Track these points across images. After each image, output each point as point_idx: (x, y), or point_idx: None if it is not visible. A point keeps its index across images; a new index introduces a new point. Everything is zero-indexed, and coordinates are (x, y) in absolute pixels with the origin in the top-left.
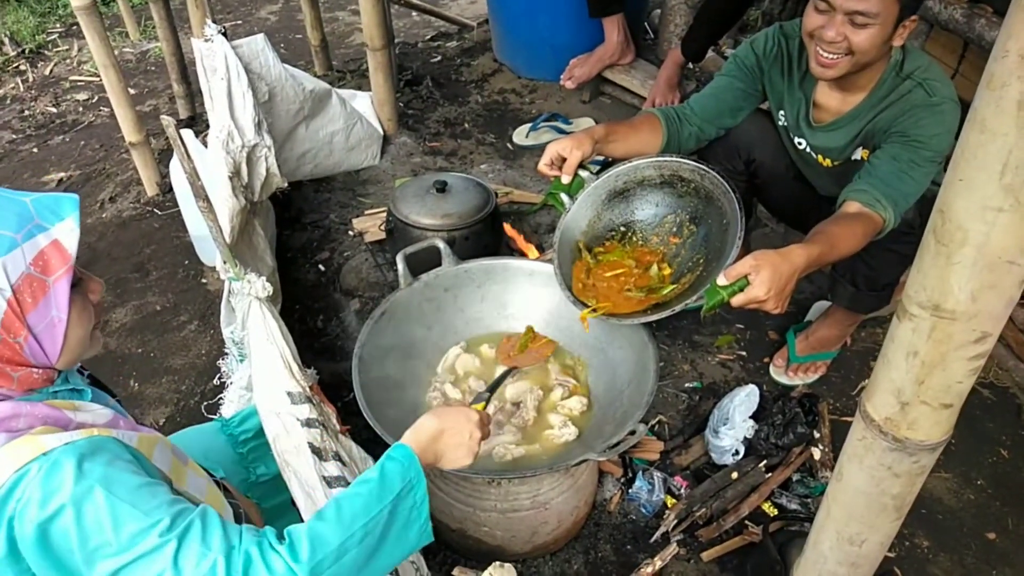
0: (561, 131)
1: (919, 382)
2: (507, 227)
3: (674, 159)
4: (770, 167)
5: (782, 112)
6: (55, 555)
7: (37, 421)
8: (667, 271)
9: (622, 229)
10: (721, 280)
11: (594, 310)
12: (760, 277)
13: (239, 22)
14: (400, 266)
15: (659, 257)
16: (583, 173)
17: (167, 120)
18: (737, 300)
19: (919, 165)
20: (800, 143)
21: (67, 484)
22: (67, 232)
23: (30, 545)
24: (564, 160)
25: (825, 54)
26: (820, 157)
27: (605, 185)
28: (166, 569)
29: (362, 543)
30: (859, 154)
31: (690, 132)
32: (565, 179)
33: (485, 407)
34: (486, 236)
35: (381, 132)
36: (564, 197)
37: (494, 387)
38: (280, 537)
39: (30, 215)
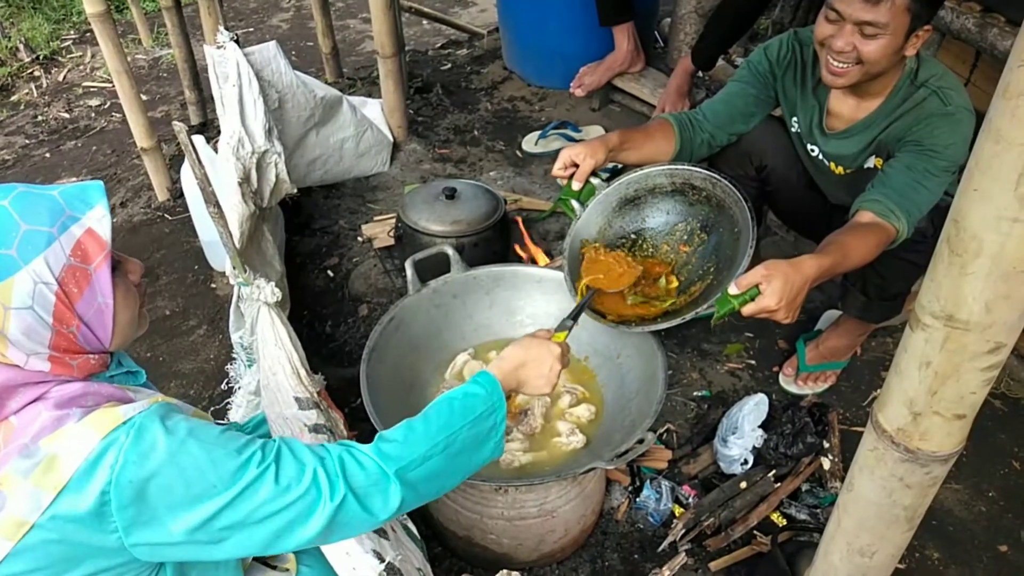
0: (570, 139)
1: (932, 392)
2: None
3: (686, 167)
4: (782, 174)
5: (795, 119)
6: (150, 509)
7: (104, 399)
8: (674, 284)
9: (633, 236)
10: (732, 289)
11: (604, 316)
12: (771, 287)
13: (251, 29)
14: (409, 272)
15: (668, 269)
16: (594, 180)
17: (179, 126)
18: (748, 309)
19: (933, 175)
20: (813, 150)
21: (160, 443)
22: (99, 219)
23: (127, 504)
24: (577, 166)
25: (835, 63)
26: (833, 165)
27: (616, 192)
28: (270, 491)
29: (444, 452)
30: (872, 162)
31: (702, 139)
32: (576, 186)
33: (566, 337)
34: (495, 243)
35: (391, 139)
36: (575, 204)
37: (576, 314)
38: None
39: (61, 208)
